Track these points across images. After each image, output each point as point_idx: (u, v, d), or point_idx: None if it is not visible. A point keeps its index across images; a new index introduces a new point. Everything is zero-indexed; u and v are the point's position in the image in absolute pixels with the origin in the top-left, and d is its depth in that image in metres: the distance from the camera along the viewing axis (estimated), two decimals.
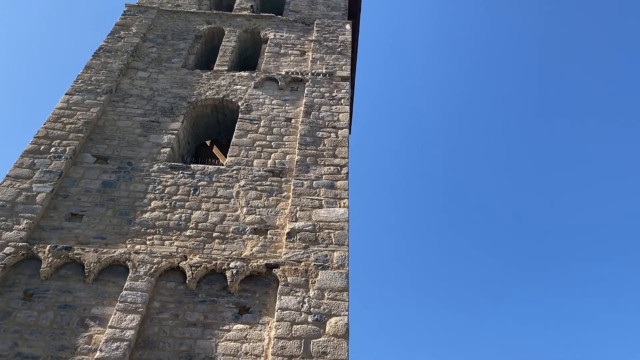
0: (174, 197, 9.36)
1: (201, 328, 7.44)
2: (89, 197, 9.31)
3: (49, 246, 8.25)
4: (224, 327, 7.46)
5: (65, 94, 11.36)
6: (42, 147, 10.02)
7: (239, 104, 11.60)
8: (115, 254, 8.20)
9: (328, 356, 7.01)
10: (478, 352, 35.96)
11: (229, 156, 10.25)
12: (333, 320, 7.44)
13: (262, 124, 11.00)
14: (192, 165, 10.03)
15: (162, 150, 10.35)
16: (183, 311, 7.64)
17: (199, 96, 11.83)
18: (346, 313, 7.54)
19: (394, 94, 45.21)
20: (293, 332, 7.25)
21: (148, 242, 8.59)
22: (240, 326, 7.48)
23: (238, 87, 12.07)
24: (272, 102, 11.60)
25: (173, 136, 10.70)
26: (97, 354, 6.92)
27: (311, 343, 7.14)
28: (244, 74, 12.50)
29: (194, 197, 9.37)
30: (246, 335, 7.38)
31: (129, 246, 8.51)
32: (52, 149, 9.99)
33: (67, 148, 10.00)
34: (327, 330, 7.31)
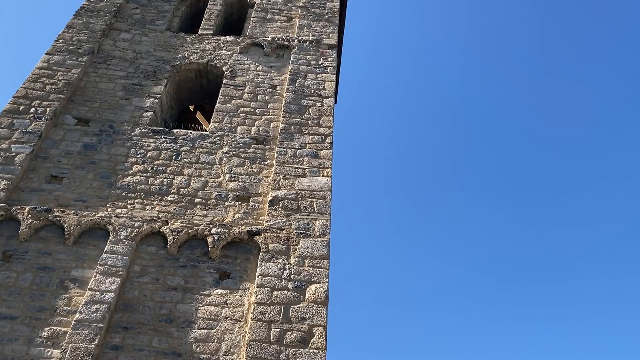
0: (156, 162, 9.29)
1: (181, 292, 7.48)
2: (69, 160, 9.20)
3: (28, 208, 8.17)
4: (205, 292, 7.51)
5: (46, 54, 11.11)
6: (22, 107, 9.83)
7: (224, 69, 11.45)
8: (95, 217, 8.16)
9: (307, 322, 7.11)
10: (463, 316, 36.71)
11: (213, 122, 10.16)
12: (313, 287, 7.52)
13: (246, 90, 10.89)
14: (174, 130, 9.93)
15: (145, 114, 10.22)
16: (164, 275, 7.66)
17: (183, 60, 11.65)
18: (326, 280, 7.62)
19: (381, 64, 44.94)
20: (273, 298, 7.33)
21: (129, 206, 8.55)
22: (220, 291, 7.53)
23: (223, 52, 11.89)
24: (258, 69, 11.47)
25: (156, 100, 10.56)
26: (77, 315, 6.94)
27: (291, 309, 7.23)
28: (229, 38, 12.31)
29: (176, 163, 9.30)
30: (226, 300, 7.45)
31: (109, 210, 8.46)
32: (32, 109, 9.81)
33: (48, 109, 9.83)
34: (307, 296, 7.39)
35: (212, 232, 8.10)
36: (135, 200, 8.66)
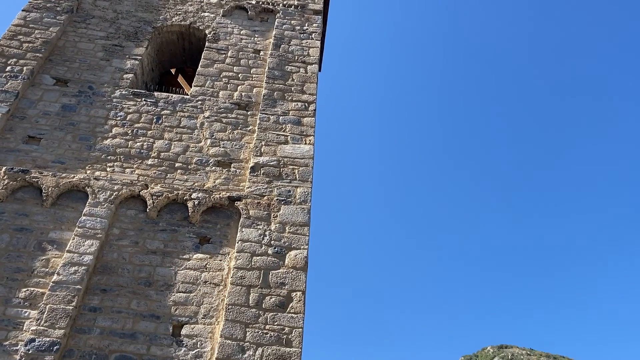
0: (136, 125, 9.16)
1: (161, 256, 7.48)
2: (47, 120, 9.03)
3: (4, 168, 8.04)
4: (184, 256, 7.52)
5: (23, 10, 10.77)
6: None
7: (207, 32, 11.23)
8: (74, 179, 8.06)
9: (286, 287, 7.18)
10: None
11: (194, 86, 10.02)
12: (293, 253, 7.57)
13: (229, 54, 10.71)
14: (155, 93, 9.78)
15: (125, 75, 10.03)
16: (143, 239, 7.64)
17: (165, 21, 11.39)
18: (306, 247, 7.68)
19: (367, 33, 44.45)
20: (253, 263, 7.37)
21: (108, 169, 8.46)
22: (200, 256, 7.55)
23: (206, 14, 11.65)
24: (241, 32, 11.27)
25: (136, 62, 10.35)
26: (55, 277, 6.91)
27: (270, 274, 7.28)
28: (213, 0, 12.04)
29: (157, 126, 9.19)
30: (206, 264, 7.47)
31: (88, 172, 8.36)
32: (8, 67, 9.56)
33: (25, 68, 9.58)
34: (286, 262, 7.45)
35: (192, 197, 8.07)
36: (115, 163, 8.56)
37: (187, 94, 10.14)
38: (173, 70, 13.07)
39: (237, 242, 7.59)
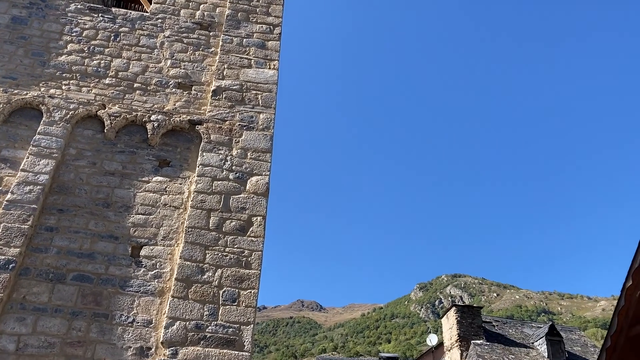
0: (93, 42, 8.76)
1: (119, 178, 7.37)
2: None
3: None
4: (143, 179, 7.43)
5: None
6: None
7: None
8: (27, 96, 7.75)
9: (247, 212, 7.22)
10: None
11: (154, 3, 9.56)
12: (254, 179, 7.57)
13: None
14: (113, 9, 9.30)
15: None
16: (101, 160, 7.49)
17: None
18: (267, 173, 7.68)
19: None
20: (213, 188, 7.35)
21: (64, 87, 8.14)
22: (160, 178, 7.47)
23: None
24: None
25: None
26: (9, 195, 6.76)
27: (231, 199, 7.30)
28: None
29: (115, 44, 8.81)
30: (166, 187, 7.41)
31: (42, 89, 8.03)
32: None
33: None
34: (247, 187, 7.46)
35: (151, 118, 7.89)
36: (71, 81, 8.23)
37: (147, 12, 9.68)
38: None
39: (198, 167, 7.53)
